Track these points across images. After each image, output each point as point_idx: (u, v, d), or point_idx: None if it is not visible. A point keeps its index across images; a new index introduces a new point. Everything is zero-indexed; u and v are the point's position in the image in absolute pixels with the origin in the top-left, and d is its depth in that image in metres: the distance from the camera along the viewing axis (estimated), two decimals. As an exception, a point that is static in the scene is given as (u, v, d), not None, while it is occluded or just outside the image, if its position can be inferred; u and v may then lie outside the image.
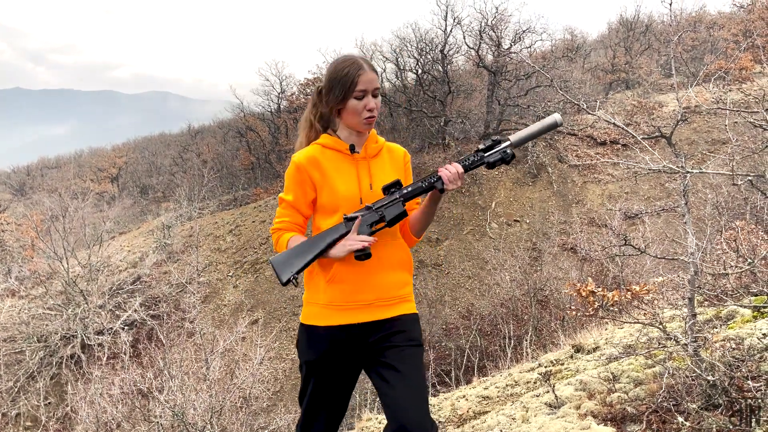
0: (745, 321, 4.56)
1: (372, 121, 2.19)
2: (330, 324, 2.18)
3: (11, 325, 17.57)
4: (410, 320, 2.22)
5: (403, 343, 2.15)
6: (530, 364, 6.40)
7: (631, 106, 24.91)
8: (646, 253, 3.89)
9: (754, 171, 2.75)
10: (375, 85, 2.17)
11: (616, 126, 3.59)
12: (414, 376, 2.10)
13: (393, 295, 2.20)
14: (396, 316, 2.19)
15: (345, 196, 2.18)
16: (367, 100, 2.16)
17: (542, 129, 2.17)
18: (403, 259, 2.26)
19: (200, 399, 7.79)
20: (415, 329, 2.22)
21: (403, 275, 2.25)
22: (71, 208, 22.11)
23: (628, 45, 33.49)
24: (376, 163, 2.27)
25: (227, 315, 18.53)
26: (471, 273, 19.02)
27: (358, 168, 2.22)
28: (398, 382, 2.08)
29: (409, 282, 2.28)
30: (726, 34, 30.18)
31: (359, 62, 2.17)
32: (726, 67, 14.96)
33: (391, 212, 2.11)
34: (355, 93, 2.14)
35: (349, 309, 2.17)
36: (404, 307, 2.22)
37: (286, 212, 2.26)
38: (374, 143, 2.29)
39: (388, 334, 2.16)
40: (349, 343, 2.18)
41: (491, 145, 2.13)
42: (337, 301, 2.17)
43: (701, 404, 3.26)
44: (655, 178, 19.90)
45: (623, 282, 11.79)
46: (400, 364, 2.10)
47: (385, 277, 2.19)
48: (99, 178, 47.47)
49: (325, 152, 2.23)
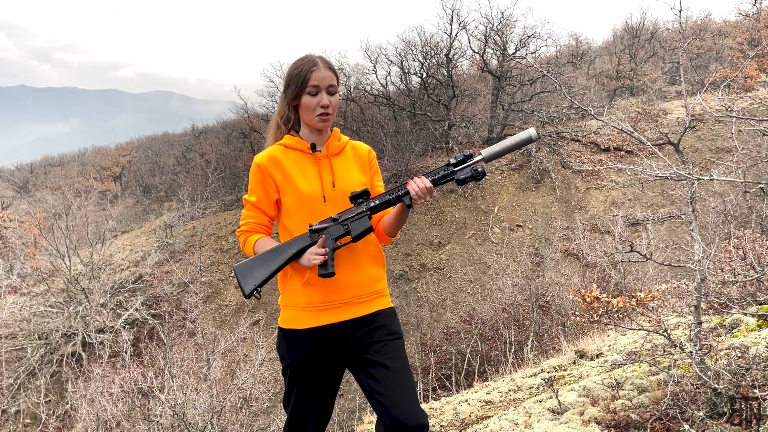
0: (749, 329, 4.54)
1: (326, 118, 2.20)
2: (310, 326, 2.18)
3: (13, 322, 17.58)
4: (389, 314, 2.24)
5: (384, 337, 2.17)
6: (533, 370, 6.38)
7: (636, 113, 24.90)
8: (651, 260, 3.88)
9: (763, 179, 2.74)
10: (329, 83, 2.18)
11: (624, 132, 3.59)
12: (400, 370, 2.12)
13: (369, 291, 2.22)
14: (375, 311, 2.21)
15: (307, 195, 2.19)
16: (320, 97, 2.17)
17: (517, 143, 2.08)
18: (374, 254, 2.27)
19: (201, 399, 7.77)
20: (394, 323, 2.24)
21: (376, 270, 2.26)
22: (74, 206, 22.15)
23: (633, 52, 33.47)
24: (338, 162, 2.27)
25: (228, 315, 18.52)
26: (473, 277, 18.99)
27: (320, 167, 2.23)
28: (386, 377, 2.09)
29: (383, 276, 2.30)
30: (731, 43, 30.16)
31: (314, 59, 2.20)
32: (732, 76, 14.95)
33: (357, 227, 2.12)
34: (308, 89, 2.17)
35: (327, 309, 2.18)
36: (381, 302, 2.24)
37: (251, 213, 2.28)
38: (336, 141, 2.29)
39: (369, 330, 2.18)
40: (330, 344, 2.19)
41: (462, 159, 2.08)
42: (316, 302, 2.17)
43: (706, 412, 3.25)
44: (658, 185, 19.87)
45: (625, 289, 11.76)
46: (385, 359, 2.12)
47: (360, 274, 2.21)
48: (102, 176, 47.55)
49: (288, 152, 2.24)
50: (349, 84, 28.23)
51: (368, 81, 28.61)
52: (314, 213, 2.18)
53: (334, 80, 2.20)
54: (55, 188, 37.06)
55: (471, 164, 2.07)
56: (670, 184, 16.97)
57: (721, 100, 3.55)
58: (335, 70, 2.23)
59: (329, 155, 2.26)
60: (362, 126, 27.70)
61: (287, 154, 2.24)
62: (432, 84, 27.03)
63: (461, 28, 26.17)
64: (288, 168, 2.21)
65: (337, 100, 2.23)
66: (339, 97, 2.26)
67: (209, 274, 21.01)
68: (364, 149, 2.36)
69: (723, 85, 3.90)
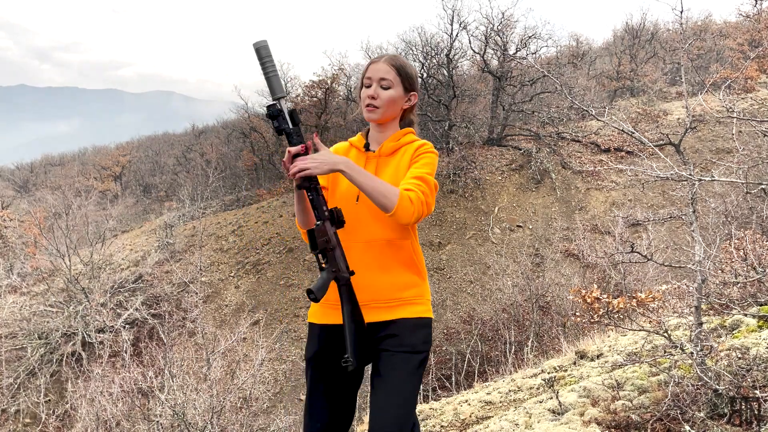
0: (750, 330, 4.54)
1: (372, 110, 2.18)
2: (324, 323, 2.17)
3: (12, 322, 17.57)
4: (409, 325, 2.10)
5: (393, 348, 2.06)
6: (533, 370, 6.38)
7: (636, 114, 24.91)
8: (652, 260, 3.88)
9: (764, 179, 2.74)
10: (381, 75, 2.16)
11: (625, 132, 3.58)
12: (394, 383, 2.03)
13: (390, 297, 2.11)
14: (393, 319, 2.09)
15: (343, 192, 2.17)
16: (371, 89, 2.17)
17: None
18: (407, 260, 2.15)
19: (201, 399, 7.77)
20: (414, 335, 2.09)
21: (405, 276, 2.14)
22: (74, 205, 22.15)
23: (634, 53, 33.50)
24: (387, 162, 2.21)
25: (228, 315, 18.51)
26: (473, 278, 18.99)
27: (367, 166, 2.20)
28: (379, 388, 2.05)
29: (416, 284, 2.15)
30: (732, 44, 30.16)
31: (380, 55, 2.22)
32: (733, 77, 14.96)
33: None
34: (364, 81, 2.19)
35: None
36: (406, 310, 2.11)
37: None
38: (393, 141, 2.22)
39: (381, 337, 2.09)
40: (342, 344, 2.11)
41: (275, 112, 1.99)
42: (332, 300, 2.12)
43: (707, 413, 3.25)
44: (659, 186, 19.87)
45: (625, 290, 11.76)
46: (385, 370, 2.05)
47: (383, 278, 2.11)
48: (102, 176, 47.57)
49: (351, 150, 2.28)
50: (349, 84, 28.25)
51: (369, 81, 28.61)
52: (347, 211, 2.12)
53: (389, 74, 2.16)
54: (56, 188, 37.06)
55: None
56: (670, 184, 16.98)
57: (722, 101, 3.55)
58: (399, 67, 2.18)
59: (381, 155, 2.22)
60: (363, 126, 27.63)
61: (350, 152, 2.27)
62: (432, 84, 27.03)
63: (462, 29, 26.21)
64: None
65: (389, 95, 2.16)
66: (395, 94, 2.18)
67: (209, 273, 21.02)
68: (414, 146, 2.21)
69: (724, 85, 3.90)
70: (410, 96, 2.23)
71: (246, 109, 34.84)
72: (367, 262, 2.11)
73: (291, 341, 16.93)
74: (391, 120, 2.25)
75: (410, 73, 2.21)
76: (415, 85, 2.24)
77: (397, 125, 2.27)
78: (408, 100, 2.24)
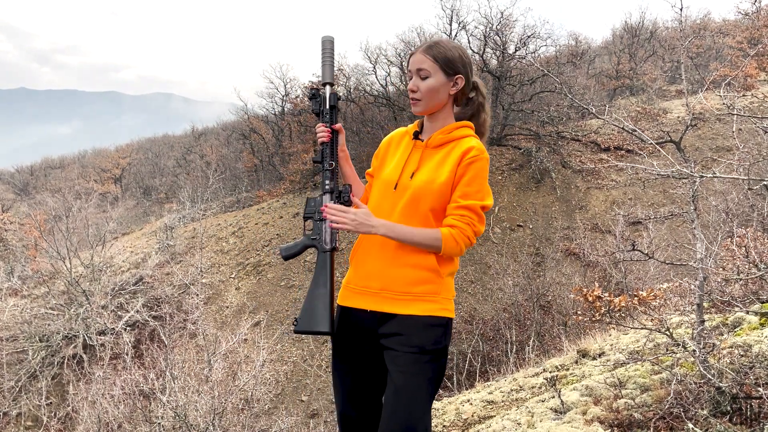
0: (752, 328, 4.54)
1: (414, 102, 2.13)
2: (344, 304, 2.18)
3: (13, 325, 17.57)
4: (418, 324, 2.02)
5: (398, 347, 2.02)
6: (535, 369, 6.37)
7: (636, 113, 24.89)
8: (654, 258, 3.87)
9: (765, 176, 2.73)
10: (418, 66, 2.09)
11: (626, 130, 3.58)
12: (401, 384, 1.99)
13: (401, 290, 2.06)
14: (401, 314, 2.04)
15: (385, 178, 2.18)
16: (411, 82, 2.13)
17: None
18: (424, 254, 2.08)
19: (202, 400, 7.77)
20: (422, 334, 2.02)
21: (419, 272, 2.06)
22: (74, 208, 22.14)
23: (633, 51, 33.47)
24: (432, 154, 2.14)
25: (229, 317, 18.50)
26: (474, 277, 18.98)
27: (411, 155, 2.17)
28: (389, 388, 2.02)
29: (433, 281, 2.07)
30: (731, 42, 30.15)
31: (419, 46, 2.17)
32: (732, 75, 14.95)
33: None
34: (408, 75, 2.17)
35: (359, 293, 2.13)
36: (414, 307, 2.04)
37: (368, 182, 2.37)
38: (443, 134, 2.13)
39: (389, 334, 2.05)
40: (359, 329, 2.12)
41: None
42: (351, 283, 2.17)
43: (709, 411, 3.24)
44: (659, 184, 19.86)
45: (627, 288, 11.75)
46: (395, 372, 2.01)
47: (396, 269, 2.07)
48: (102, 178, 47.57)
49: (404, 137, 2.27)
50: (349, 85, 28.24)
51: (368, 81, 28.65)
52: (384, 198, 2.14)
53: (425, 63, 2.08)
54: (56, 190, 37.06)
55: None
56: (671, 182, 16.97)
57: (722, 99, 3.54)
58: (435, 53, 2.09)
59: (428, 146, 2.15)
60: (362, 127, 27.71)
61: (403, 138, 2.27)
62: (432, 84, 26.95)
63: (461, 28, 26.20)
64: (391, 152, 2.26)
65: (428, 84, 2.08)
66: (434, 83, 2.09)
67: (210, 275, 21.01)
68: (463, 148, 2.08)
69: (724, 83, 3.89)
70: (456, 80, 2.12)
71: (246, 111, 34.86)
72: (386, 251, 2.10)
73: (292, 342, 16.91)
74: (441, 108, 2.15)
75: (449, 56, 2.09)
76: (458, 68, 2.11)
77: (449, 114, 2.18)
78: (454, 84, 2.12)
